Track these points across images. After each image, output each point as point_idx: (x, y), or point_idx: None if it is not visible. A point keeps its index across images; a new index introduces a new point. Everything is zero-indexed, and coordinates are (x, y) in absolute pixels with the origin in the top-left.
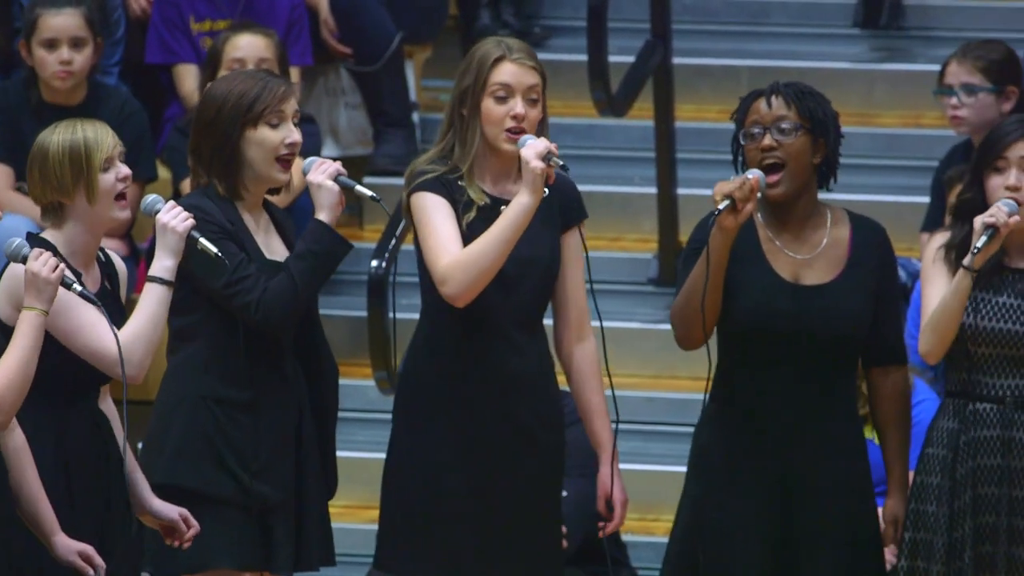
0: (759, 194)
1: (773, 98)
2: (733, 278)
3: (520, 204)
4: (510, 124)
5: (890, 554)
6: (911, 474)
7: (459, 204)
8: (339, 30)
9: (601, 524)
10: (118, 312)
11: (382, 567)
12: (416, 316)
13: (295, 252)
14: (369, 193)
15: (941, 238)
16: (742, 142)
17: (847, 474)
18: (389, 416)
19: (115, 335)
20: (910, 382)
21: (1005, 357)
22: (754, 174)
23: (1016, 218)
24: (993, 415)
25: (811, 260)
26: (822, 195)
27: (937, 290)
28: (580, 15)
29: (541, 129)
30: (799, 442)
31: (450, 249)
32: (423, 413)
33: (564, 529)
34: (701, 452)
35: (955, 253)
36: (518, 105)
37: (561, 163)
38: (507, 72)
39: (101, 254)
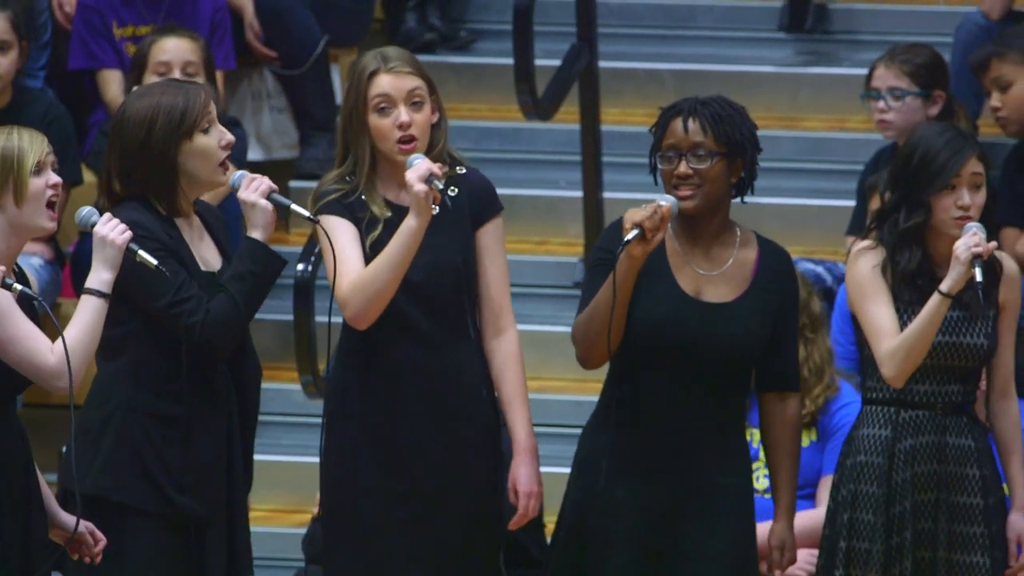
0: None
1: (690, 121)
2: (636, 288)
3: (408, 227)
4: (399, 134)
5: (808, 556)
6: (829, 479)
7: (362, 222)
8: (264, 33)
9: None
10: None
11: (324, 565)
12: (342, 319)
13: (234, 272)
14: (305, 213)
15: (873, 257)
16: (659, 165)
17: (731, 490)
18: (315, 420)
19: (63, 343)
20: (833, 385)
21: (938, 367)
22: (667, 201)
23: (994, 243)
24: (927, 421)
25: (715, 278)
26: (747, 199)
27: (886, 310)
28: (506, 19)
29: (437, 130)
30: (685, 455)
31: (350, 272)
32: (350, 417)
33: None
34: (588, 456)
35: (903, 277)
36: (402, 114)
37: (441, 186)
38: (384, 84)
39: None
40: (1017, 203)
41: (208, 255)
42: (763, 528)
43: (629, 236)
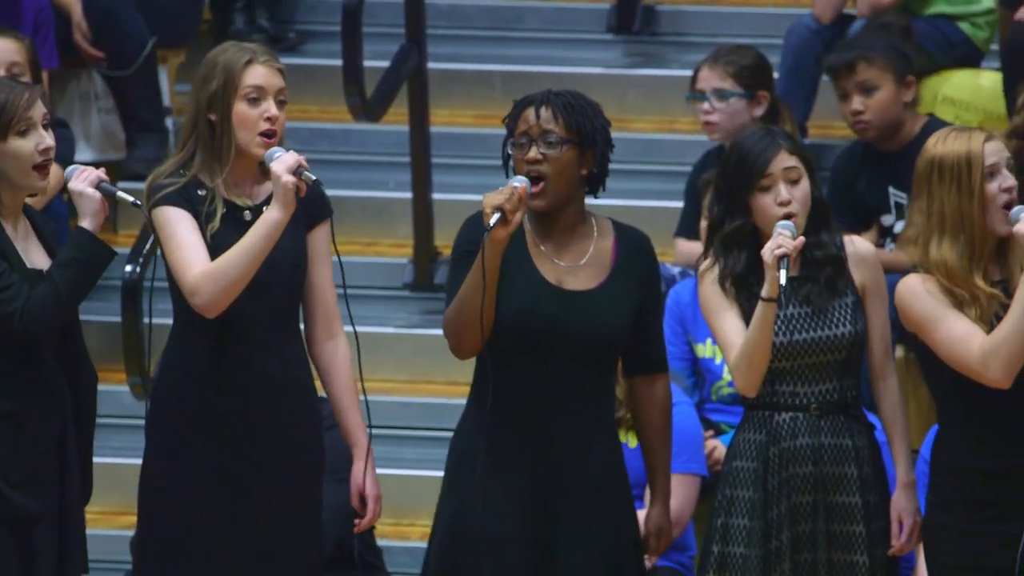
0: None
1: (542, 109)
2: (500, 281)
3: (271, 219)
4: (264, 127)
5: (648, 562)
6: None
7: (201, 215)
8: (92, 34)
9: (356, 520)
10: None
11: (139, 570)
12: (171, 321)
13: (58, 260)
14: (131, 199)
15: (712, 273)
16: (510, 151)
17: (607, 479)
18: (143, 422)
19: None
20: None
21: (804, 366)
22: (521, 182)
23: (801, 239)
24: (800, 424)
25: (576, 269)
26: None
27: (731, 323)
28: (335, 20)
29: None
30: (559, 446)
31: (198, 260)
32: (177, 419)
33: None
34: (462, 457)
35: (733, 281)
36: (272, 107)
37: (314, 178)
38: (259, 74)
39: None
40: (853, 207)
41: (35, 256)
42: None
43: (492, 220)
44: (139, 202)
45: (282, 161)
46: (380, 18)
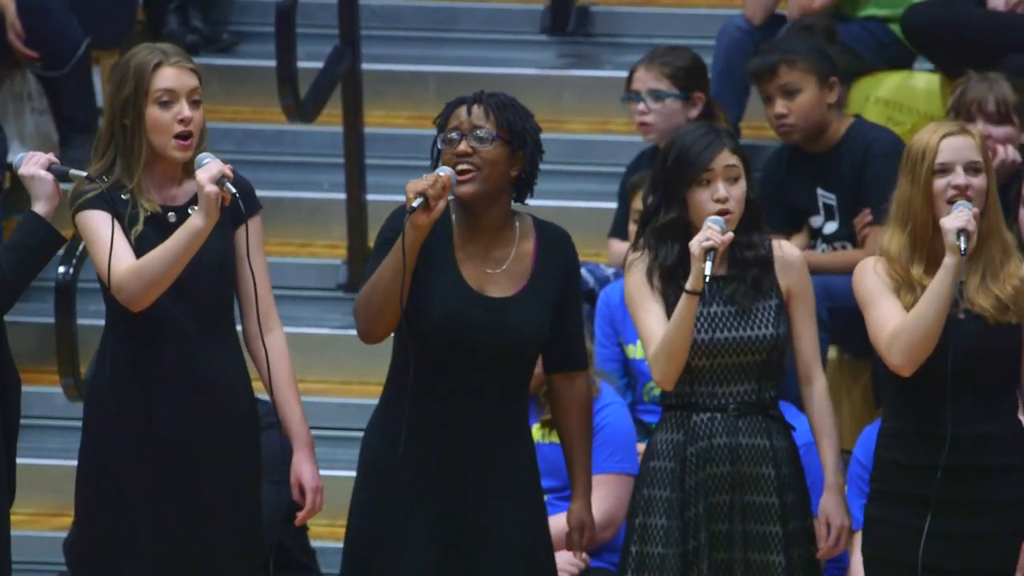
0: (451, 195)
1: (475, 107)
2: (424, 285)
3: (193, 225)
4: (178, 129)
5: (576, 558)
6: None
7: (124, 218)
8: (26, 34)
9: (297, 513)
10: None
11: (75, 571)
12: (104, 322)
13: (7, 243)
14: (83, 174)
15: (640, 264)
16: (439, 147)
17: (520, 481)
18: (77, 423)
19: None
20: (594, 387)
21: (723, 366)
22: (446, 171)
23: (730, 235)
24: (718, 424)
25: (497, 275)
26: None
27: (654, 315)
28: (268, 20)
29: (201, 133)
30: (474, 450)
31: (123, 257)
32: (110, 420)
33: None
34: (374, 457)
35: (662, 274)
36: (184, 109)
37: (233, 191)
38: (169, 77)
39: None
40: (782, 209)
41: None
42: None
43: (414, 204)
44: (92, 175)
45: (207, 170)
46: (314, 19)
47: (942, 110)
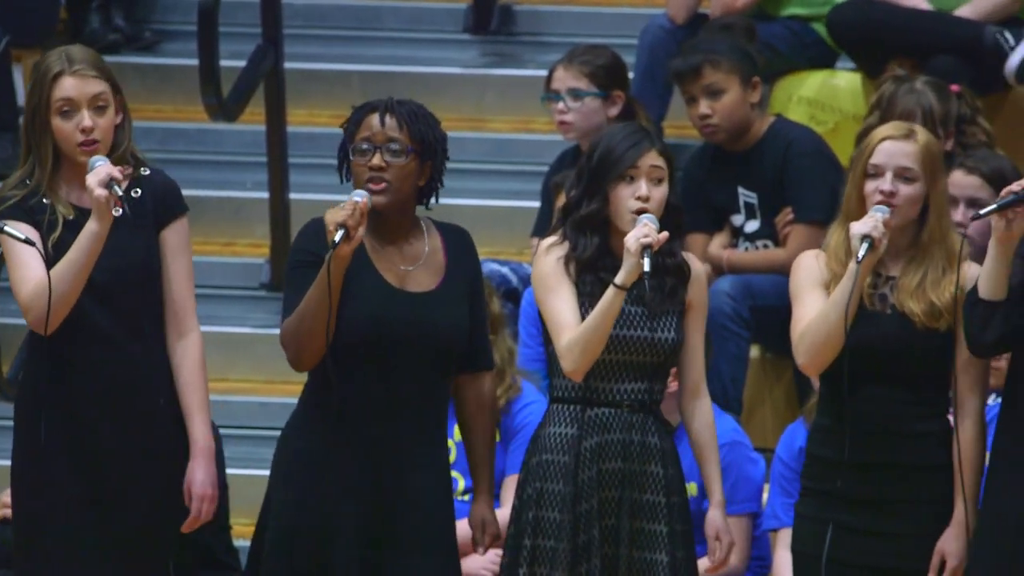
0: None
1: (387, 117)
2: (345, 292)
3: (90, 231)
4: (80, 138)
5: (494, 556)
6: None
7: (42, 225)
8: None
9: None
10: None
11: (13, 568)
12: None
13: None
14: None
15: (557, 251)
16: (351, 156)
17: (443, 480)
18: (3, 423)
19: None
20: (515, 386)
21: (620, 363)
22: (361, 197)
23: (665, 234)
24: (613, 419)
25: (414, 271)
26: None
27: (567, 304)
28: (191, 19)
29: (120, 131)
30: (398, 448)
31: (29, 278)
32: (35, 421)
33: None
34: (295, 456)
35: (579, 265)
36: (84, 118)
37: (120, 193)
38: (68, 87)
39: None
40: (704, 208)
41: None
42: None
43: (336, 237)
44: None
45: (95, 174)
46: (237, 18)
47: (864, 109)
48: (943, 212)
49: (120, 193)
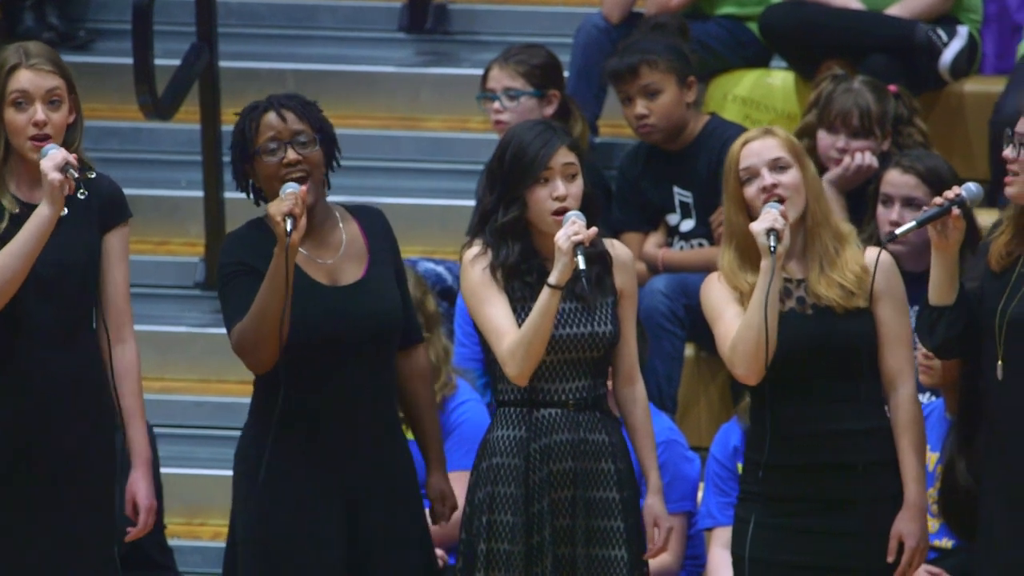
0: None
1: (284, 112)
2: None
3: (40, 215)
4: (32, 132)
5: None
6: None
7: None
8: None
9: (128, 529)
10: None
11: None
12: None
13: None
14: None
15: (482, 261)
16: (264, 158)
17: (406, 470)
18: None
19: None
20: (451, 384)
21: (564, 361)
22: (300, 187)
23: (594, 229)
24: (560, 419)
25: (339, 263)
26: (369, 198)
27: (502, 311)
28: (125, 18)
29: (73, 130)
30: (359, 442)
31: None
32: None
33: None
34: (257, 462)
35: (505, 272)
36: (38, 112)
37: (76, 175)
38: (24, 79)
39: None
40: (639, 207)
41: None
42: None
43: (288, 227)
44: None
45: (51, 158)
46: (171, 16)
47: (799, 108)
48: (819, 195)
49: (76, 176)
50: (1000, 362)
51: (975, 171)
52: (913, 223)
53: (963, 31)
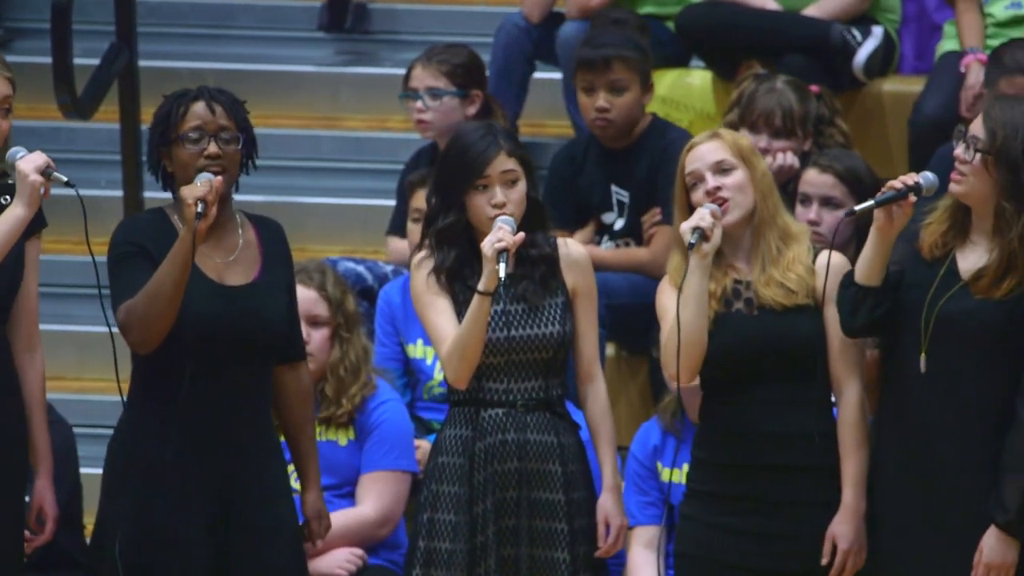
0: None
1: (214, 105)
2: None
3: (14, 216)
4: None
5: (352, 556)
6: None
7: None
8: None
9: (30, 537)
10: None
11: None
12: None
13: None
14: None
15: (427, 264)
16: (186, 146)
17: (279, 473)
18: None
19: None
20: (371, 384)
21: (513, 363)
22: (207, 176)
23: (521, 235)
24: (506, 420)
25: (231, 264)
26: (289, 199)
27: (444, 316)
28: (44, 17)
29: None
30: (235, 444)
31: None
32: None
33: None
34: (131, 461)
35: (447, 275)
36: None
37: (65, 179)
38: None
39: None
40: (567, 205)
41: None
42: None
43: (199, 210)
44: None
45: (30, 160)
46: (90, 15)
47: (717, 108)
48: (767, 193)
49: (64, 179)
50: (923, 355)
51: (894, 170)
52: (871, 202)
53: (878, 31)
